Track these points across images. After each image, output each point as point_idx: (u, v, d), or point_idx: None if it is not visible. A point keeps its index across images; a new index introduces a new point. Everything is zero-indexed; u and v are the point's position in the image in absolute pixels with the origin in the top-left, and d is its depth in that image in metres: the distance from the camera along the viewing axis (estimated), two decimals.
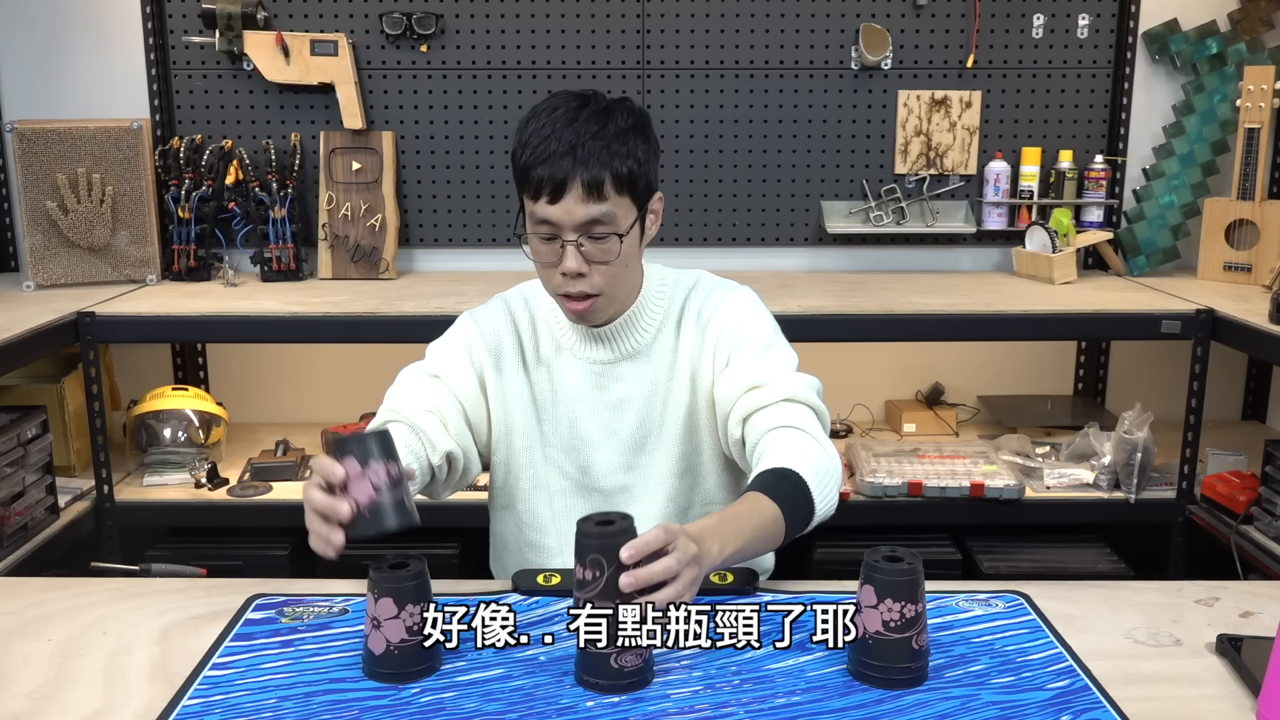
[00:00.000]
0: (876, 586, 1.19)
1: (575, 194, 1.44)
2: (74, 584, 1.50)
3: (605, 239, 1.47)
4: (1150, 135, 3.07)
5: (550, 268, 1.51)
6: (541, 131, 1.45)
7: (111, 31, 2.96)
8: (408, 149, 3.02)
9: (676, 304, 1.62)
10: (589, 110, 1.46)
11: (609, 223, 1.46)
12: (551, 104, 1.48)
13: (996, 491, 2.62)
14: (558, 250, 1.48)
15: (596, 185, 1.44)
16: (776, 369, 1.54)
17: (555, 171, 1.44)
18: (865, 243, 3.12)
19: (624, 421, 1.60)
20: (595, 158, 1.44)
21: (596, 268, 1.49)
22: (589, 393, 1.60)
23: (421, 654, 1.22)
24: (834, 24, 3.00)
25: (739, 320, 1.60)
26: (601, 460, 1.61)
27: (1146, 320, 2.59)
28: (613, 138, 1.45)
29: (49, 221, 2.79)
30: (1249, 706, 1.19)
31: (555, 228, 1.47)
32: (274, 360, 3.17)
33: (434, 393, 1.58)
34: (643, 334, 1.60)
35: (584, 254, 1.47)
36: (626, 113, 1.49)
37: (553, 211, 1.46)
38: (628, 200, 1.48)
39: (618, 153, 1.45)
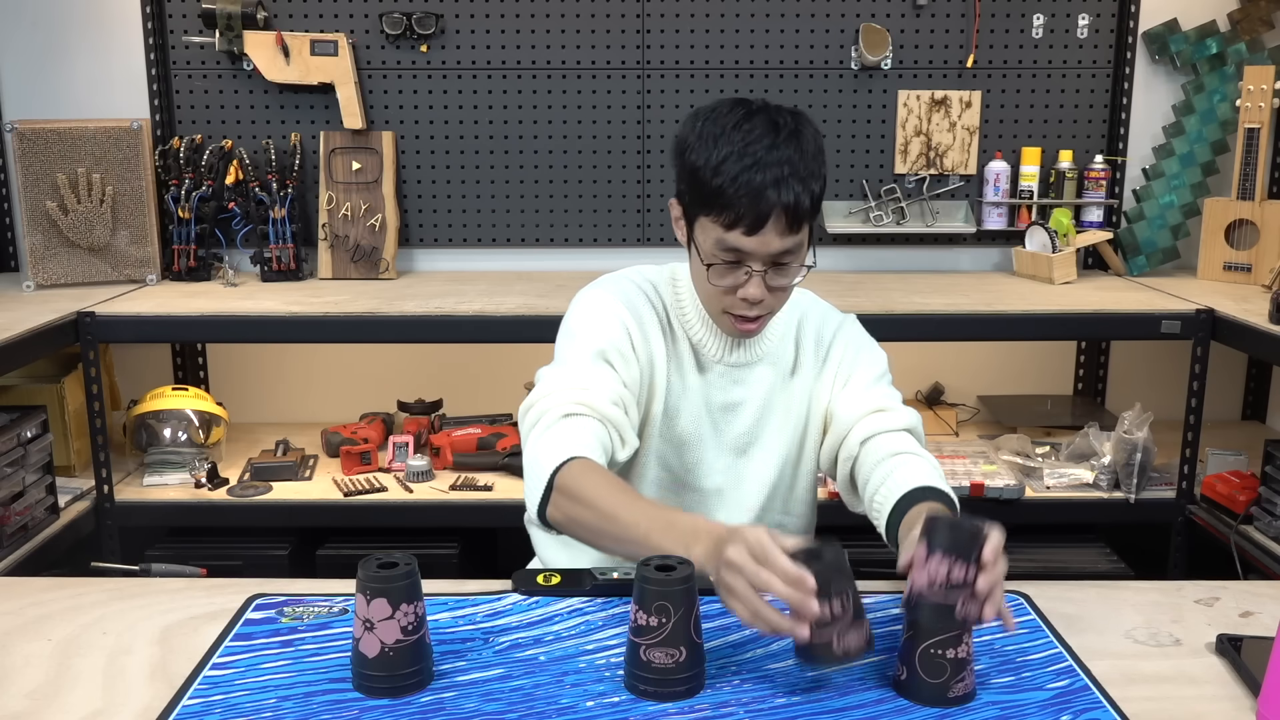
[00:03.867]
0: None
1: (776, 227, 1.40)
2: (74, 584, 1.50)
3: (790, 266, 1.45)
4: (1150, 135, 3.07)
5: (727, 292, 1.47)
6: (741, 159, 1.38)
7: (111, 31, 2.96)
8: (408, 149, 3.02)
9: (795, 317, 1.62)
10: (784, 133, 1.41)
11: (798, 251, 1.44)
12: (735, 121, 1.41)
13: (996, 491, 2.62)
14: (741, 277, 1.44)
15: (798, 218, 1.40)
16: (894, 399, 1.58)
17: (760, 204, 1.37)
18: (865, 243, 3.12)
19: (734, 424, 1.59)
20: (800, 186, 1.39)
21: (775, 293, 1.46)
22: (706, 391, 1.58)
23: (418, 654, 1.21)
24: (834, 24, 3.00)
25: (858, 346, 1.62)
26: (705, 461, 1.59)
27: (1146, 320, 2.59)
28: (810, 161, 1.41)
29: (49, 221, 2.79)
30: (1249, 706, 1.19)
31: (745, 256, 1.43)
32: (274, 360, 3.17)
33: (613, 381, 1.49)
34: (769, 342, 1.59)
35: (767, 281, 1.44)
36: (813, 131, 1.45)
37: (748, 243, 1.41)
38: (809, 226, 1.45)
39: (815, 176, 1.41)
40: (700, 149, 1.42)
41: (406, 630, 1.19)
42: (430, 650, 1.24)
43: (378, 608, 1.18)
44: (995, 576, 1.19)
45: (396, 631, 1.19)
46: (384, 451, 2.84)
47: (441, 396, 3.05)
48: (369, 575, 1.19)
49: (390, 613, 1.19)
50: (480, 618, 1.37)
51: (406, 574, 1.19)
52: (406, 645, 1.20)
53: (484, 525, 2.76)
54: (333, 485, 2.70)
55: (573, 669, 1.25)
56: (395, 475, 2.75)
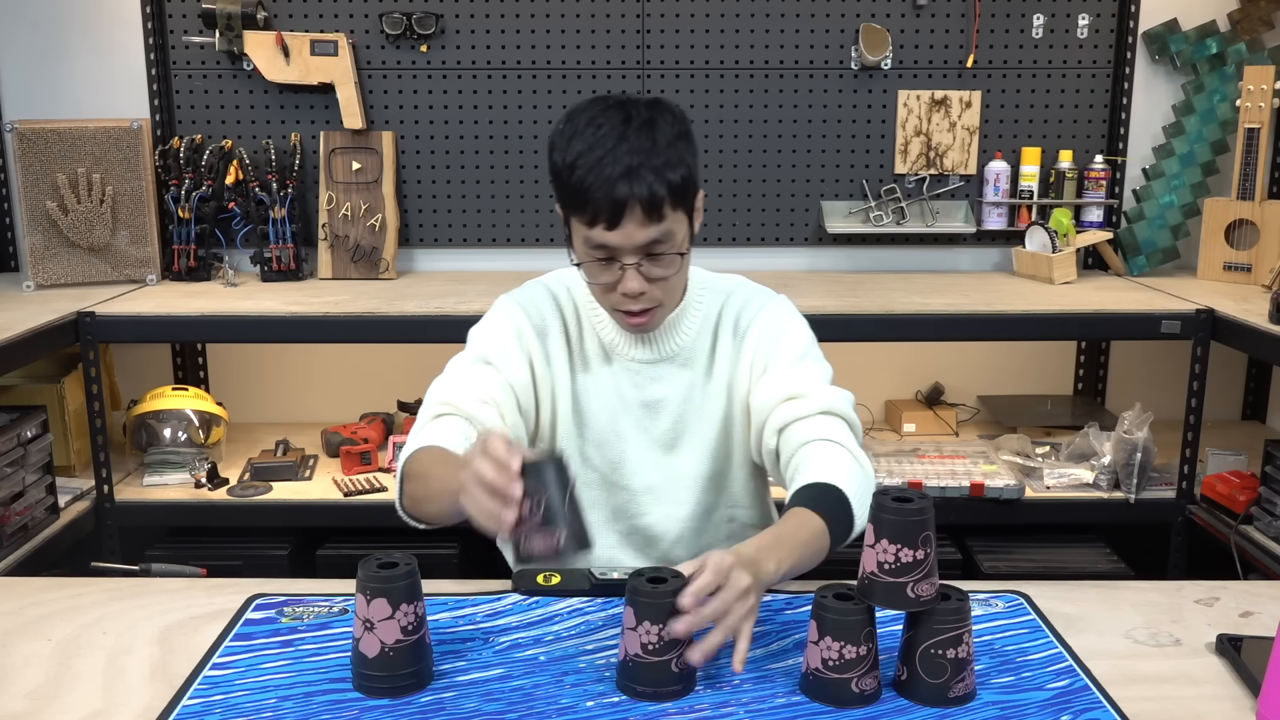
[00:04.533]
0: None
1: (635, 218, 1.39)
2: (74, 584, 1.50)
3: (666, 256, 1.45)
4: (1150, 135, 3.07)
5: (608, 290, 1.48)
6: (591, 153, 1.38)
7: (111, 31, 2.96)
8: (408, 149, 3.02)
9: (715, 309, 1.61)
10: (635, 124, 1.40)
11: (668, 240, 1.44)
12: (590, 117, 1.42)
13: (996, 491, 2.62)
14: (616, 272, 1.45)
15: (656, 206, 1.39)
16: (813, 380, 1.53)
17: (613, 197, 1.38)
18: (865, 243, 3.12)
19: (657, 422, 1.59)
20: (653, 176, 1.38)
21: (655, 283, 1.47)
22: (626, 390, 1.59)
23: (418, 654, 1.21)
24: (834, 24, 3.00)
25: (776, 329, 1.58)
26: (632, 458, 1.59)
27: (1146, 320, 2.59)
28: (665, 149, 1.40)
29: (49, 221, 2.79)
30: (1249, 706, 1.19)
31: (614, 251, 1.43)
32: (274, 360, 3.17)
33: (488, 381, 1.52)
34: (684, 337, 1.59)
35: (643, 273, 1.45)
36: (671, 118, 1.43)
37: (611, 237, 1.41)
38: (681, 212, 1.45)
39: (671, 164, 1.40)
40: (559, 150, 1.43)
41: (406, 630, 1.19)
42: (430, 650, 1.24)
43: (378, 608, 1.18)
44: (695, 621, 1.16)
45: (396, 631, 1.19)
46: (384, 451, 2.84)
47: None
48: (369, 575, 1.19)
49: (390, 613, 1.19)
50: (480, 618, 1.38)
51: (406, 574, 1.20)
52: (406, 645, 1.20)
53: None
54: (333, 485, 2.70)
55: (573, 669, 1.25)
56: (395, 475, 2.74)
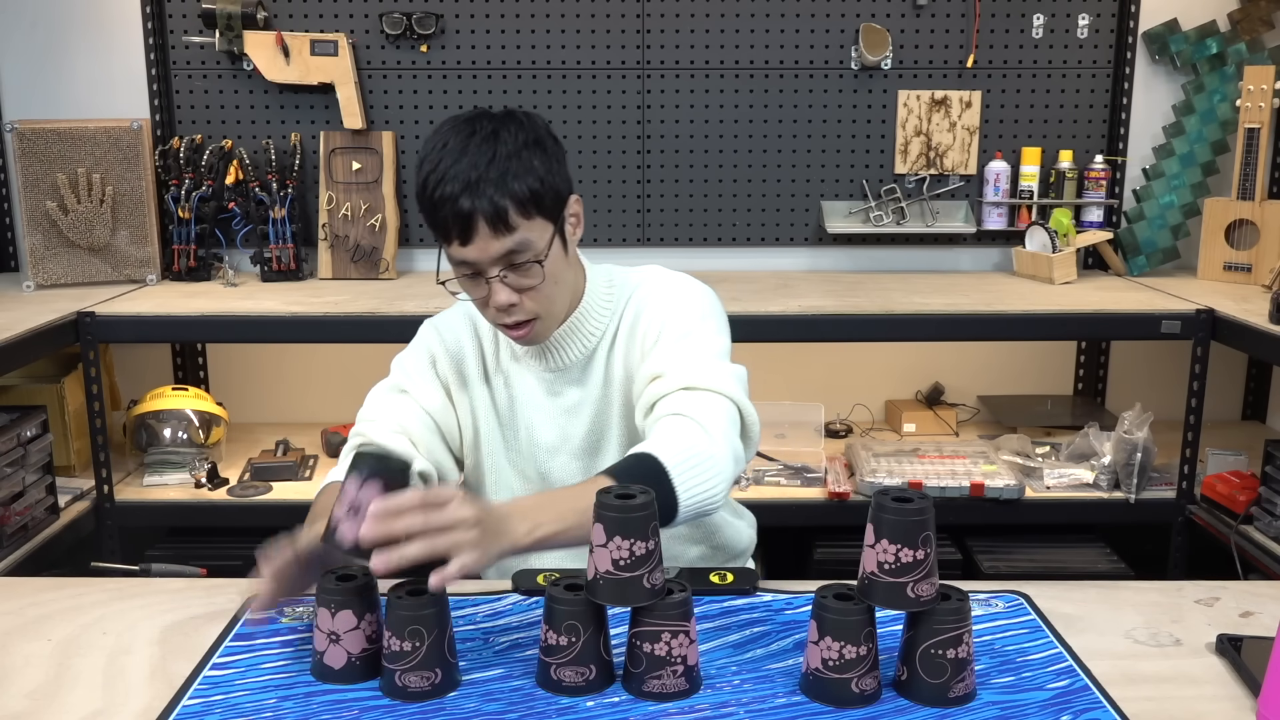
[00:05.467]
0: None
1: (483, 232, 1.40)
2: (74, 584, 1.50)
3: (526, 266, 1.44)
4: (1150, 135, 3.07)
5: (485, 305, 1.48)
6: (437, 172, 1.40)
7: (111, 31, 2.96)
8: (408, 149, 3.02)
9: (619, 308, 1.59)
10: (476, 138, 1.41)
11: (526, 249, 1.43)
12: (439, 138, 1.43)
13: (996, 491, 2.62)
14: (484, 286, 1.45)
15: (501, 217, 1.39)
16: (685, 356, 1.47)
17: (458, 212, 1.39)
18: (865, 243, 3.12)
19: (576, 427, 1.60)
20: (493, 188, 1.38)
21: (526, 294, 1.46)
22: (543, 399, 1.59)
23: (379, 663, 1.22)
24: (834, 24, 3.00)
25: (662, 312, 1.54)
26: (558, 465, 1.60)
27: (1146, 320, 2.59)
28: (505, 160, 1.40)
29: (49, 221, 2.79)
30: (1249, 706, 1.19)
31: (475, 266, 1.44)
32: (274, 360, 3.17)
33: (402, 410, 1.56)
34: (587, 340, 1.57)
35: (509, 284, 1.45)
36: (516, 128, 1.43)
37: (468, 252, 1.42)
38: (539, 220, 1.43)
39: (515, 174, 1.40)
40: (417, 171, 1.45)
41: (371, 639, 1.22)
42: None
43: (343, 619, 1.21)
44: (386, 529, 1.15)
45: (362, 641, 1.21)
46: None
47: None
48: (334, 588, 1.21)
49: (356, 623, 1.21)
50: (480, 618, 1.38)
51: (369, 585, 1.22)
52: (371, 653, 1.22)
53: None
54: None
55: None
56: None
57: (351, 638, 1.21)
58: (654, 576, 1.17)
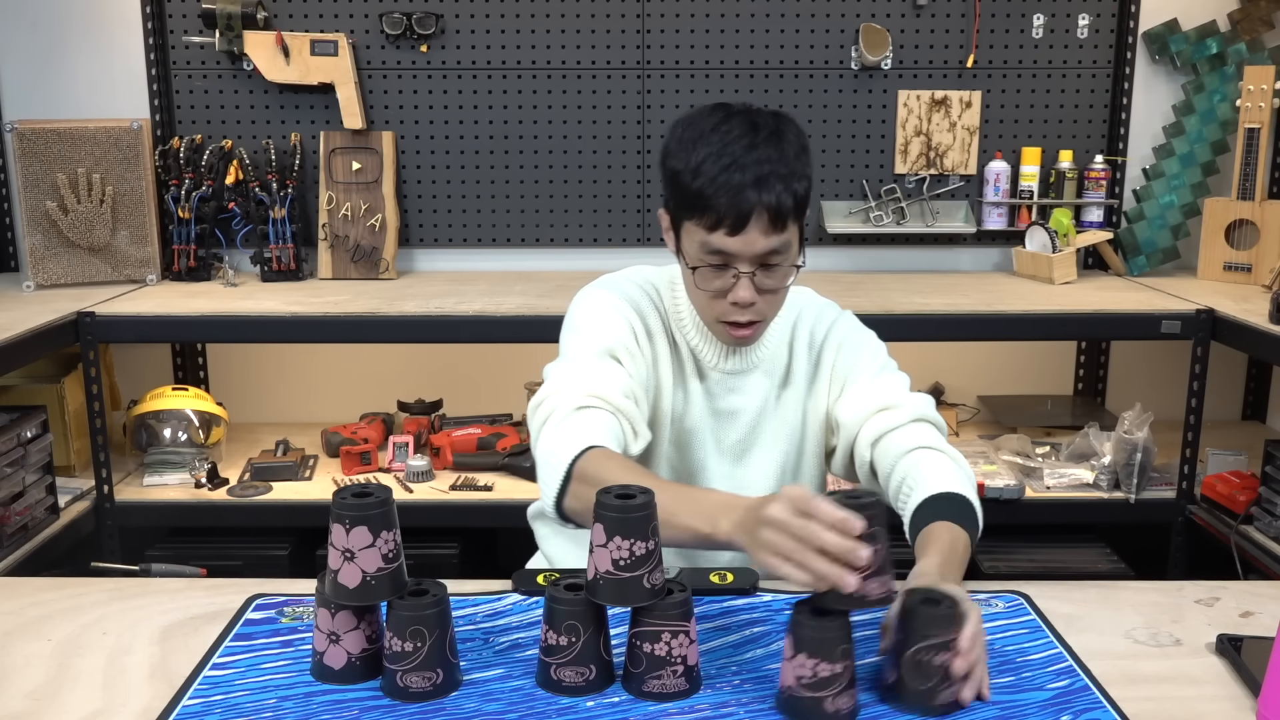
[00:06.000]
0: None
1: (759, 226, 1.40)
2: (74, 584, 1.50)
3: (780, 267, 1.45)
4: (1150, 135, 3.07)
5: (718, 297, 1.47)
6: (719, 159, 1.39)
7: (111, 31, 2.96)
8: (408, 149, 3.02)
9: (790, 321, 1.61)
10: (764, 133, 1.41)
11: (785, 251, 1.44)
12: (714, 124, 1.42)
13: (996, 491, 2.62)
14: (729, 280, 1.44)
15: (781, 217, 1.40)
16: (899, 390, 1.55)
17: (740, 204, 1.38)
18: (865, 243, 3.12)
19: (730, 432, 1.59)
20: (781, 186, 1.39)
21: (764, 295, 1.46)
22: (704, 399, 1.58)
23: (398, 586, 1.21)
24: (834, 24, 3.00)
25: (855, 342, 1.59)
26: (709, 469, 1.59)
27: (1146, 320, 2.59)
28: (792, 161, 1.41)
29: (49, 221, 2.79)
30: (1249, 706, 1.19)
31: (731, 258, 1.43)
32: (274, 360, 3.17)
33: (622, 376, 1.48)
34: (764, 349, 1.58)
35: (755, 283, 1.44)
36: (795, 131, 1.44)
37: (732, 243, 1.41)
38: (797, 225, 1.45)
39: (797, 175, 1.41)
40: (680, 154, 1.43)
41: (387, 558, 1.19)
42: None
43: (343, 620, 1.20)
44: (972, 659, 1.17)
45: (362, 641, 1.21)
46: (384, 451, 2.84)
47: (441, 396, 3.05)
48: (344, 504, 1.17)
49: (355, 624, 1.20)
50: (480, 618, 1.37)
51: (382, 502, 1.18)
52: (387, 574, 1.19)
53: (484, 525, 2.76)
54: (333, 485, 2.70)
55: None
56: (395, 475, 2.75)
57: (351, 638, 1.21)
58: (654, 576, 1.17)
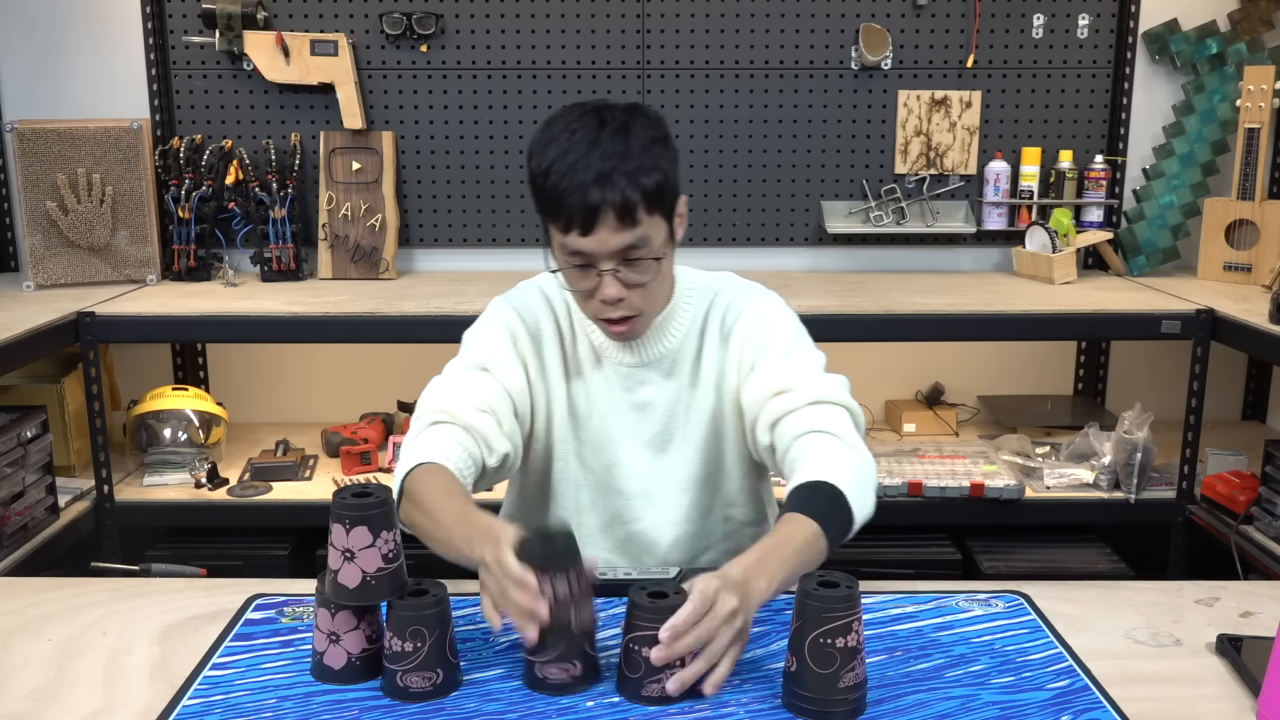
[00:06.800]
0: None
1: (609, 224, 1.39)
2: (74, 584, 1.50)
3: (641, 262, 1.44)
4: (1150, 135, 3.07)
5: (588, 297, 1.48)
6: (565, 158, 1.39)
7: (111, 31, 2.96)
8: (408, 149, 3.02)
9: (702, 310, 1.60)
10: (610, 129, 1.40)
11: (644, 245, 1.43)
12: (566, 124, 1.42)
13: (996, 491, 2.62)
14: (594, 278, 1.45)
15: (629, 211, 1.39)
16: (802, 371, 1.51)
17: (586, 202, 1.38)
18: (865, 243, 3.12)
19: (647, 425, 1.59)
20: (625, 181, 1.38)
21: (634, 290, 1.46)
22: (617, 394, 1.58)
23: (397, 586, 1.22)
24: (834, 24, 3.00)
25: (763, 324, 1.57)
26: (626, 463, 1.59)
27: (1146, 320, 2.59)
28: (638, 154, 1.39)
29: (49, 221, 2.79)
30: (1249, 706, 1.19)
31: (590, 257, 1.43)
32: (274, 360, 3.17)
33: (485, 388, 1.53)
34: (671, 339, 1.58)
35: (620, 279, 1.44)
36: (646, 123, 1.43)
37: (586, 243, 1.41)
38: (658, 217, 1.43)
39: (645, 169, 1.39)
40: (535, 157, 1.43)
41: (387, 558, 1.20)
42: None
43: (343, 620, 1.20)
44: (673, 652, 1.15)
45: (362, 641, 1.21)
46: (384, 451, 2.84)
47: None
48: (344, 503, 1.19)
49: (355, 624, 1.21)
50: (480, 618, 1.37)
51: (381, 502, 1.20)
52: (387, 574, 1.20)
53: None
54: (333, 485, 2.70)
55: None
56: None
57: (351, 638, 1.21)
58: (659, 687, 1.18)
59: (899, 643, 1.31)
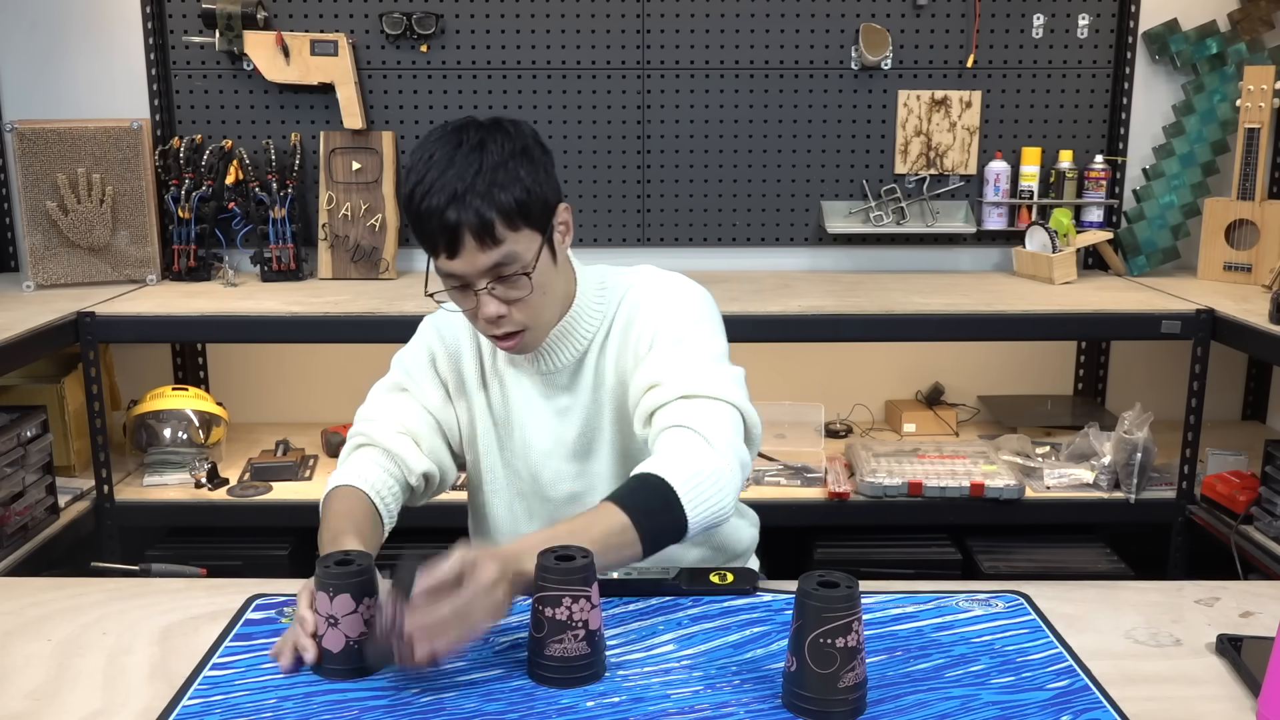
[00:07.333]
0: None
1: (470, 245, 1.37)
2: (74, 584, 1.50)
3: (514, 278, 1.42)
4: (1150, 135, 3.07)
5: (471, 315, 1.48)
6: (423, 183, 1.38)
7: (111, 31, 2.96)
8: (407, 149, 3.02)
9: (611, 309, 1.57)
10: (463, 149, 1.38)
11: (513, 262, 1.41)
12: (426, 149, 1.41)
13: (996, 491, 2.62)
14: (473, 298, 1.44)
15: (488, 230, 1.37)
16: (684, 362, 1.46)
17: (444, 225, 1.37)
18: (865, 243, 3.12)
19: (568, 430, 1.58)
20: (479, 200, 1.36)
21: (514, 305, 1.44)
22: (537, 402, 1.59)
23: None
24: (834, 24, 3.00)
25: (656, 316, 1.53)
26: (550, 469, 1.60)
27: (1146, 320, 2.59)
28: (492, 172, 1.37)
29: (49, 221, 2.79)
30: (1249, 706, 1.19)
31: (462, 278, 1.43)
32: (274, 360, 3.17)
33: (404, 409, 1.57)
34: (579, 342, 1.56)
35: (497, 296, 1.43)
36: (502, 138, 1.40)
37: (455, 265, 1.40)
38: (526, 231, 1.40)
39: (501, 185, 1.37)
40: (402, 181, 1.45)
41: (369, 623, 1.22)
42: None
43: (341, 603, 1.22)
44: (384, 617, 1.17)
45: (360, 625, 1.22)
46: None
47: None
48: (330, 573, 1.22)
49: (354, 607, 1.22)
50: None
51: (364, 569, 1.23)
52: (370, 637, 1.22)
53: None
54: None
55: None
56: None
57: (349, 621, 1.21)
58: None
59: (899, 643, 1.31)
